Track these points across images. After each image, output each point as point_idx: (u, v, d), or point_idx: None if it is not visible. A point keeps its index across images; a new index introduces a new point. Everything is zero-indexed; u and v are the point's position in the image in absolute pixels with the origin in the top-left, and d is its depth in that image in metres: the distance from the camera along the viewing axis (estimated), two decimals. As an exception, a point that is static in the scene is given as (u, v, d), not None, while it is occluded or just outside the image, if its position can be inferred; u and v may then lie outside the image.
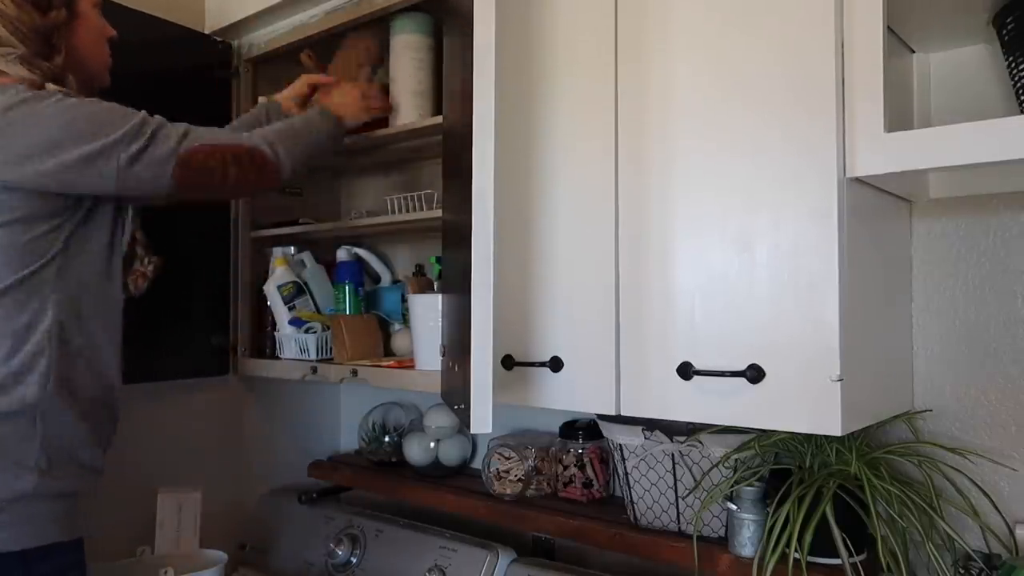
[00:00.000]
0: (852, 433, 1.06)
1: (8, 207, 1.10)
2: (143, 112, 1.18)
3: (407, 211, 1.63)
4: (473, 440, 1.86)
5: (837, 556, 1.12)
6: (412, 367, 1.54)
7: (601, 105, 1.19)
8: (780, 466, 1.24)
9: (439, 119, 1.51)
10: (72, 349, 1.15)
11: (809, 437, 1.21)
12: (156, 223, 1.32)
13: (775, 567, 1.14)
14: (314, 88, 1.64)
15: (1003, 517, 1.16)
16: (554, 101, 1.26)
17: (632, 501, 1.41)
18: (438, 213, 1.51)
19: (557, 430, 1.64)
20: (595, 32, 1.20)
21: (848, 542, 1.12)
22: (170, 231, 1.44)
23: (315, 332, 1.76)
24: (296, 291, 1.82)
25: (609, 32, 1.19)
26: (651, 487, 1.37)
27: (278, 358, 1.82)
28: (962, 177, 1.22)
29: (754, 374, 1.03)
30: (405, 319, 1.77)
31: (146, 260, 1.30)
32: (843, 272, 0.98)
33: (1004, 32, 1.09)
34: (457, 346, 1.17)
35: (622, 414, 1.17)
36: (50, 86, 1.14)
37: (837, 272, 0.98)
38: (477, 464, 1.79)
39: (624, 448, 1.39)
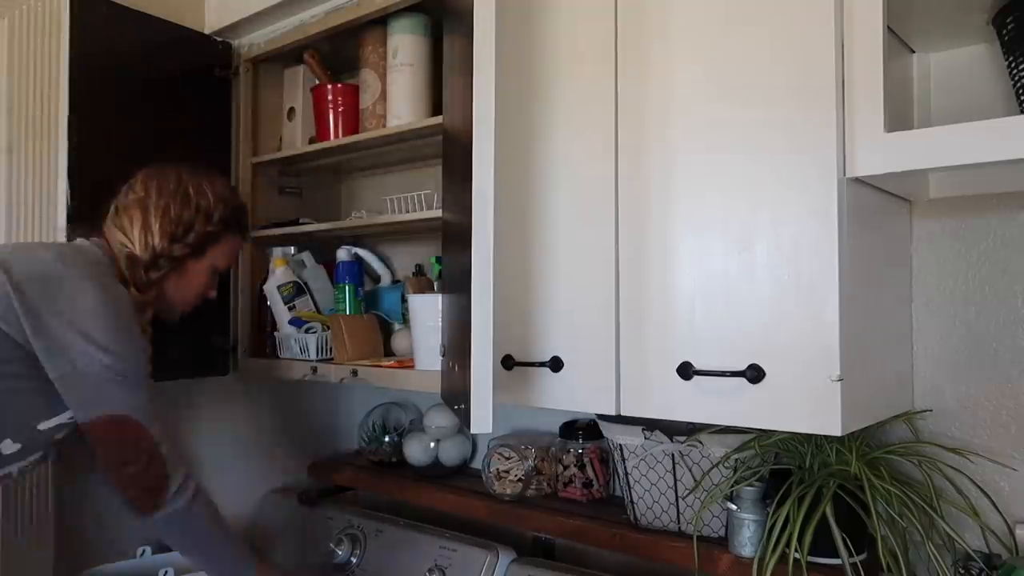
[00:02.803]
0: (852, 433, 1.06)
1: None
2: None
3: (407, 211, 1.63)
4: (473, 440, 1.85)
5: (837, 556, 1.12)
6: (412, 367, 1.54)
7: (601, 104, 1.19)
8: (780, 466, 1.24)
9: (439, 119, 1.51)
10: None
11: (809, 437, 1.21)
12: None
13: (775, 567, 1.14)
14: None
15: (1003, 517, 1.16)
16: (554, 100, 1.25)
17: (632, 501, 1.41)
18: (438, 213, 1.51)
19: (557, 430, 1.64)
20: (595, 31, 1.20)
21: (848, 542, 1.12)
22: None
23: (315, 332, 1.76)
24: (296, 291, 1.82)
25: (609, 31, 1.18)
26: (651, 487, 1.37)
27: (278, 358, 1.82)
28: (962, 177, 1.22)
29: (754, 374, 1.02)
30: (405, 319, 1.77)
31: None
32: (843, 272, 0.98)
33: (1004, 32, 1.09)
34: (457, 346, 1.17)
35: (622, 414, 1.17)
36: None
37: (837, 272, 0.98)
38: (477, 464, 1.79)
39: (624, 448, 1.39)
